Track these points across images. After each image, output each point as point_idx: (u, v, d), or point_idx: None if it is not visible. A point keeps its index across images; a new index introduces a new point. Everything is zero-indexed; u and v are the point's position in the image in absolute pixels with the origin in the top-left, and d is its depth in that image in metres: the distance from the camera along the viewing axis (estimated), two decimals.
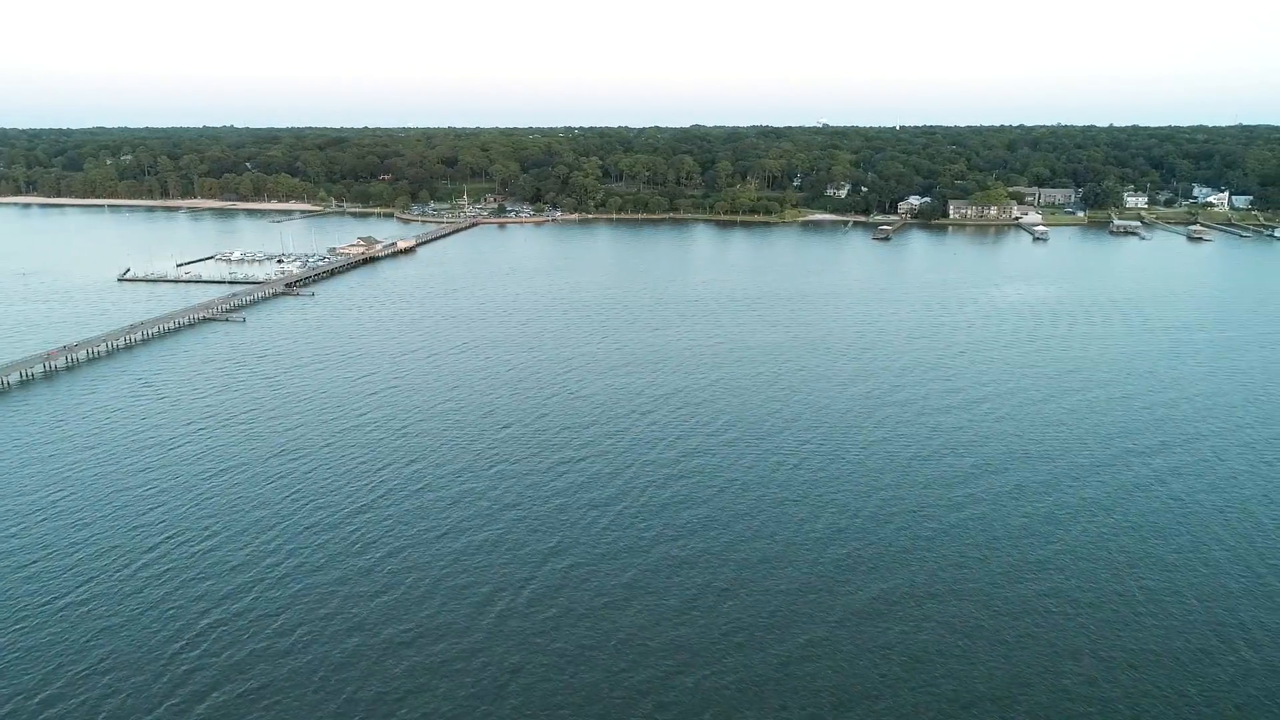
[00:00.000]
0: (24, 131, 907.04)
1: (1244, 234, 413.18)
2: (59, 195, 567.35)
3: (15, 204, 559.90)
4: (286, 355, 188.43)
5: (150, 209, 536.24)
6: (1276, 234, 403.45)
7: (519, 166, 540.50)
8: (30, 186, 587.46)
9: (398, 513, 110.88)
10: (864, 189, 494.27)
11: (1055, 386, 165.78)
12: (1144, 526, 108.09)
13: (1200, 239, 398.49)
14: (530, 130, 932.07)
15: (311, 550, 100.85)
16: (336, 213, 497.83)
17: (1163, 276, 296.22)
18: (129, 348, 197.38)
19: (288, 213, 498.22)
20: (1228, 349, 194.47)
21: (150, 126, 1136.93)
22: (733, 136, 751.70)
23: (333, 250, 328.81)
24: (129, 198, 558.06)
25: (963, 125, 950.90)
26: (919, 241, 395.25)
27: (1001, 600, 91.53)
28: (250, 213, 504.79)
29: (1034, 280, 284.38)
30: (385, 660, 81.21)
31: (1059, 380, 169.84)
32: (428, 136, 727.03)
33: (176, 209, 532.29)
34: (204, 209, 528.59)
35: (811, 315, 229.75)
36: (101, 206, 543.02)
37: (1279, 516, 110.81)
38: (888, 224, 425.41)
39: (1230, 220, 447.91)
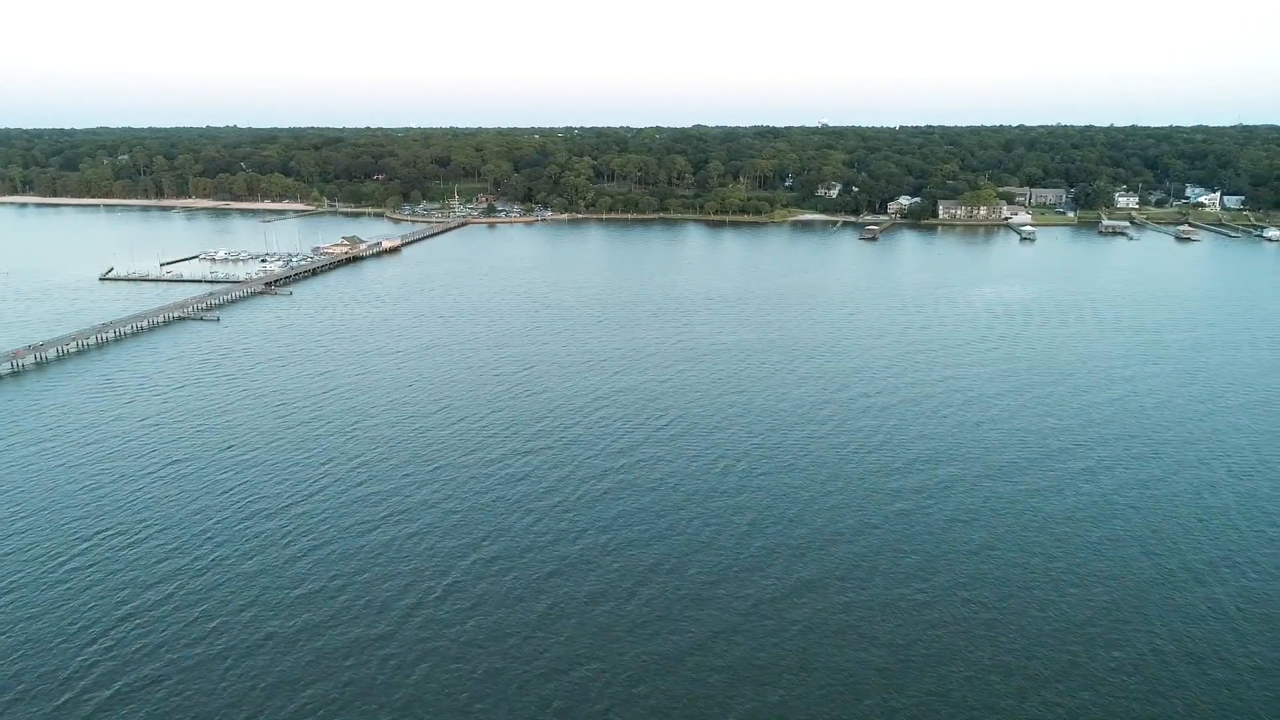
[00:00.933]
0: (27, 132, 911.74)
1: (1233, 234, 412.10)
2: (55, 195, 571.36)
3: (12, 203, 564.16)
4: (253, 354, 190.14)
5: (145, 209, 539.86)
6: (1266, 234, 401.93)
7: (511, 166, 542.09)
8: (27, 186, 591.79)
9: (333, 506, 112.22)
10: (855, 189, 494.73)
11: (1006, 385, 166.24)
12: (1057, 521, 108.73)
13: (1188, 239, 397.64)
14: (531, 130, 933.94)
15: (239, 543, 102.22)
16: (329, 212, 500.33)
17: (1144, 277, 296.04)
18: (100, 346, 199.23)
19: (281, 212, 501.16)
20: (1194, 349, 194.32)
21: (154, 126, 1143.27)
22: (729, 136, 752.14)
23: (317, 250, 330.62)
24: (124, 197, 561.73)
25: (965, 125, 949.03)
26: (906, 242, 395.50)
27: (912, 590, 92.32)
28: (244, 212, 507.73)
29: (1014, 280, 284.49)
30: (293, 648, 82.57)
31: (1011, 379, 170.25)
32: (425, 136, 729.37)
33: (171, 209, 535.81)
34: (199, 209, 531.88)
35: (784, 315, 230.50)
36: (97, 206, 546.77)
37: (1181, 512, 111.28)
38: (875, 224, 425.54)
39: (1221, 220, 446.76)
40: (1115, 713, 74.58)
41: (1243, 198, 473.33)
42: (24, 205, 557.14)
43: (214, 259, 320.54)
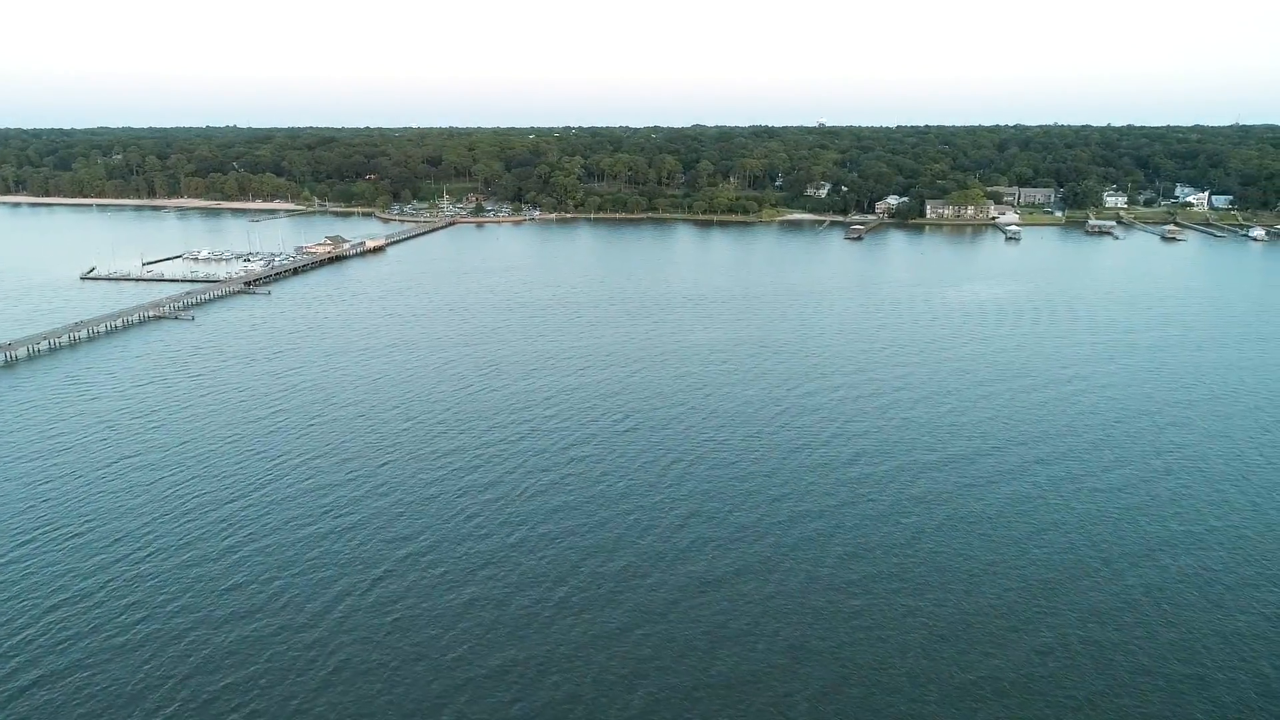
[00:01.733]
0: (27, 132, 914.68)
1: (1219, 234, 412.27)
2: (48, 194, 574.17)
3: (4, 203, 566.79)
4: (222, 352, 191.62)
5: (138, 208, 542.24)
6: (1251, 234, 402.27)
7: (503, 166, 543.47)
8: (20, 186, 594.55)
9: (277, 501, 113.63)
10: (844, 189, 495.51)
11: (961, 382, 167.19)
12: (981, 518, 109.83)
13: (1174, 239, 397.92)
14: (531, 131, 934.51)
15: (179, 537, 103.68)
16: (319, 212, 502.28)
17: (1125, 277, 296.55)
18: (73, 345, 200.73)
19: (273, 212, 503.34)
20: (1159, 348, 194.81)
21: (154, 126, 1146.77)
22: (724, 136, 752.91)
23: (300, 249, 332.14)
24: (116, 197, 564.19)
25: (965, 125, 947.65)
26: (891, 241, 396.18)
27: (835, 580, 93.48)
28: (235, 212, 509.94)
29: (992, 280, 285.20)
30: (216, 636, 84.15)
31: (968, 376, 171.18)
32: (421, 136, 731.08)
33: (164, 208, 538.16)
34: (191, 208, 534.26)
35: (757, 314, 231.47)
36: (90, 206, 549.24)
37: (1107, 506, 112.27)
38: (860, 224, 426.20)
39: (1208, 220, 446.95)
40: (1019, 700, 75.63)
41: (1231, 197, 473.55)
42: (17, 205, 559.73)
43: (197, 258, 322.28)
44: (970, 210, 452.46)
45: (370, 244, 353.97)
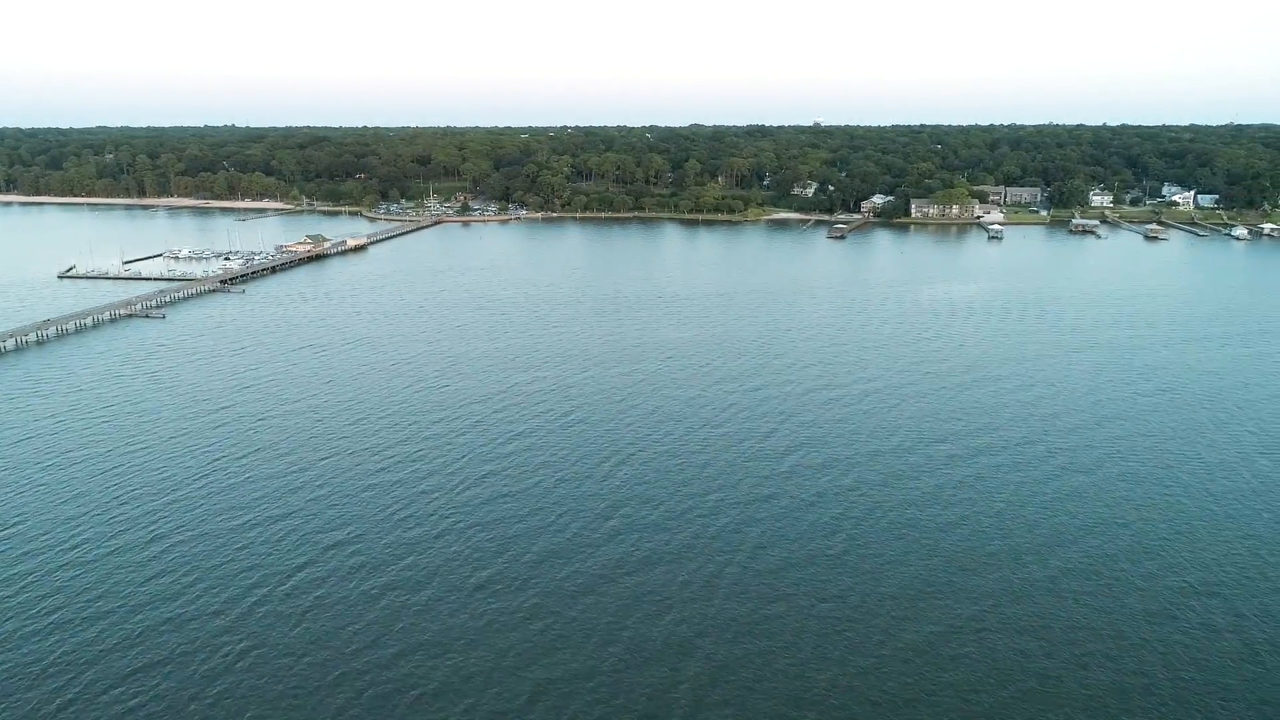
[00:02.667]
0: (24, 131, 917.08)
1: (1202, 233, 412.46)
2: (39, 194, 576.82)
3: None
4: (186, 350, 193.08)
5: (129, 208, 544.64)
6: (1234, 233, 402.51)
7: (491, 165, 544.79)
8: (11, 185, 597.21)
9: (210, 495, 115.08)
10: (831, 188, 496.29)
11: (913, 378, 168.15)
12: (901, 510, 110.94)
13: (1156, 238, 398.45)
14: (528, 130, 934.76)
15: (106, 532, 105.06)
16: (308, 211, 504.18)
17: (1102, 275, 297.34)
18: (41, 343, 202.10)
19: (261, 211, 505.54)
20: (1123, 347, 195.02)
21: (152, 125, 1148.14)
22: (717, 135, 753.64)
23: (280, 248, 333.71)
24: (106, 196, 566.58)
25: (962, 124, 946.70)
26: (874, 240, 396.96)
27: (739, 566, 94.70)
28: (225, 211, 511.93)
29: (969, 279, 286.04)
30: (123, 628, 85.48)
31: (923, 370, 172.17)
32: (413, 136, 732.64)
33: (154, 208, 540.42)
34: (181, 207, 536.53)
35: (725, 313, 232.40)
36: (81, 205, 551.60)
37: (1029, 497, 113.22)
38: (844, 223, 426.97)
39: (1193, 219, 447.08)
40: (908, 686, 76.76)
41: (1217, 197, 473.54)
42: (8, 204, 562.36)
43: (177, 257, 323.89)
44: (955, 209, 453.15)
45: (351, 243, 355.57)
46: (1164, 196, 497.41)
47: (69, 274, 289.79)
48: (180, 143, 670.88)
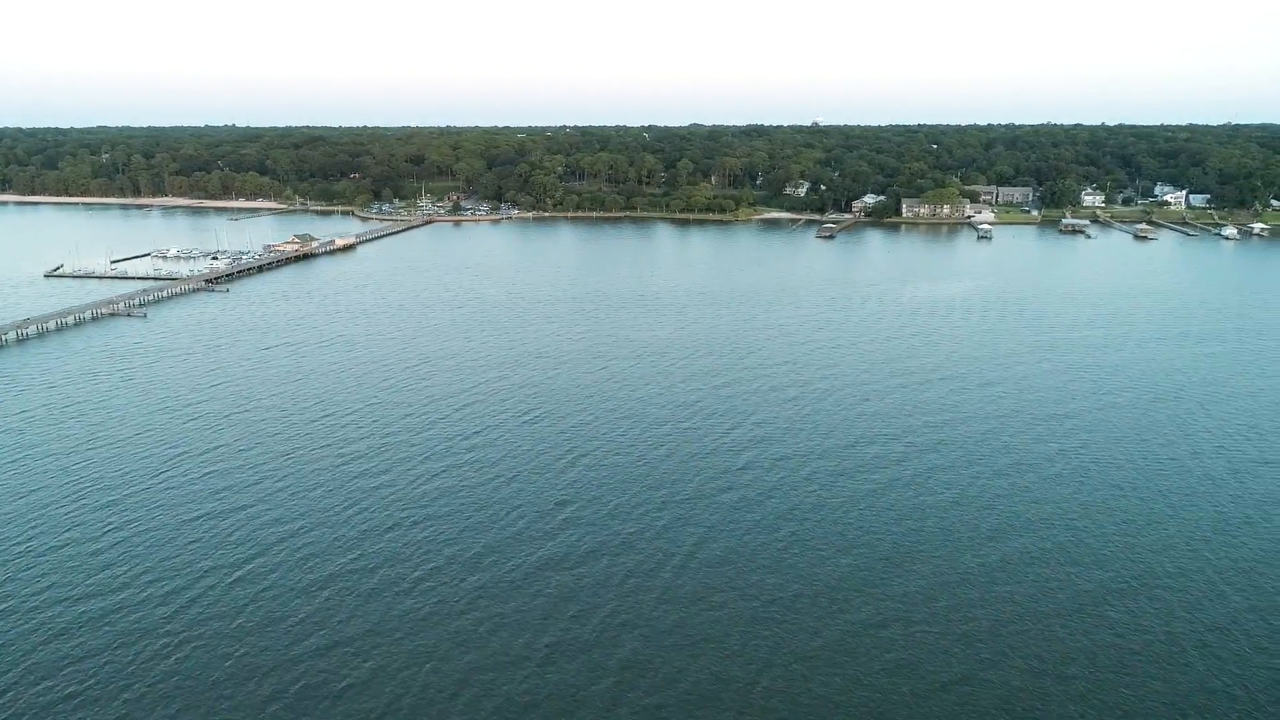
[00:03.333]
0: (25, 131, 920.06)
1: (1192, 233, 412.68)
2: (33, 193, 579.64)
3: None
4: (160, 348, 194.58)
5: (124, 207, 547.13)
6: (1224, 233, 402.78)
7: (485, 165, 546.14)
8: (6, 184, 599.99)
9: (169, 489, 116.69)
10: (823, 187, 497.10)
11: (874, 376, 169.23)
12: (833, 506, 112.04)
13: (1146, 238, 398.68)
14: (524, 130, 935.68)
15: (57, 528, 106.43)
16: (301, 211, 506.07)
17: (1085, 274, 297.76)
18: (21, 341, 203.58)
19: (255, 211, 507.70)
20: (1095, 346, 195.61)
21: (153, 126, 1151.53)
22: (713, 135, 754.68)
23: (268, 247, 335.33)
24: (101, 196, 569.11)
25: (961, 124, 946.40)
26: (863, 240, 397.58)
27: (680, 559, 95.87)
28: (220, 211, 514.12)
29: (951, 278, 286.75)
30: (65, 615, 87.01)
31: (886, 369, 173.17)
32: (410, 135, 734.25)
33: (149, 207, 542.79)
34: (175, 207, 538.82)
35: (702, 312, 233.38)
36: (76, 205, 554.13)
37: (957, 496, 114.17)
38: (833, 223, 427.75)
39: (1184, 219, 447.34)
40: (824, 677, 77.89)
41: (1208, 196, 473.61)
42: (3, 204, 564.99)
43: (165, 256, 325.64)
44: (946, 209, 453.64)
45: (340, 242, 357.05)
46: (1156, 196, 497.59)
47: (56, 273, 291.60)
48: (176, 142, 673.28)
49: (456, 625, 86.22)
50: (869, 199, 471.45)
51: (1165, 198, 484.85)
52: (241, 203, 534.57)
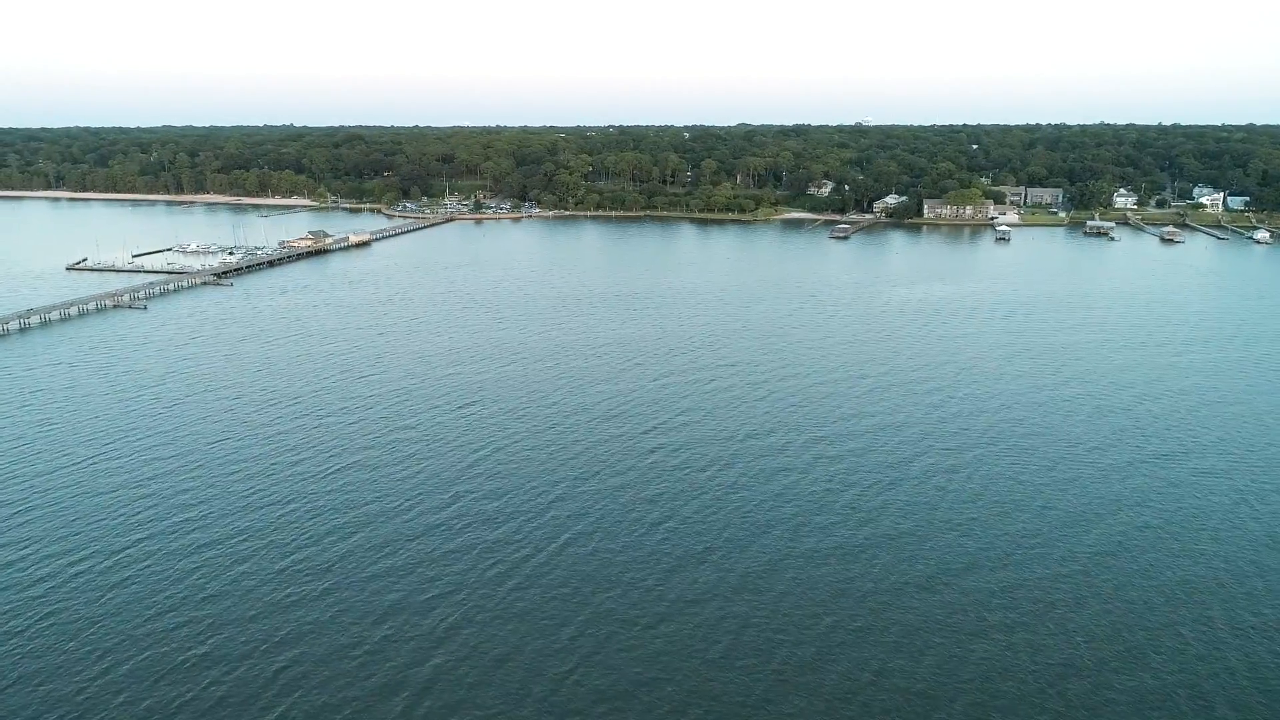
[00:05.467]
0: (85, 130, 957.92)
1: (1222, 236, 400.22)
2: (84, 190, 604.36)
3: (45, 198, 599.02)
4: (142, 339, 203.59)
5: (169, 204, 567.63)
6: (1255, 236, 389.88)
7: (513, 164, 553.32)
8: (59, 181, 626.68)
9: (94, 474, 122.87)
10: (846, 187, 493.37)
11: (833, 376, 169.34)
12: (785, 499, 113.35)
13: (1172, 241, 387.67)
14: (572, 130, 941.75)
15: None
16: (333, 208, 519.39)
17: (1091, 278, 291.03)
18: (24, 330, 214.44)
19: (291, 208, 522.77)
20: (1072, 351, 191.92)
21: (215, 125, 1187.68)
22: (749, 135, 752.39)
23: (282, 243, 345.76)
24: (146, 193, 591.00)
25: (1009, 124, 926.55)
26: (878, 241, 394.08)
27: (558, 546, 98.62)
28: (258, 208, 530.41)
29: (951, 280, 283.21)
30: None
31: (848, 369, 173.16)
32: (448, 135, 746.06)
33: (192, 204, 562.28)
34: (218, 204, 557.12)
35: (683, 311, 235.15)
36: (124, 201, 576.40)
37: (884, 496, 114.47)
38: (848, 223, 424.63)
39: (1220, 222, 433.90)
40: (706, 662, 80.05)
41: (1247, 199, 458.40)
42: (56, 200, 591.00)
43: (185, 251, 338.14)
44: (969, 210, 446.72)
45: (354, 239, 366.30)
46: (1194, 198, 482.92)
47: (78, 266, 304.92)
48: (222, 141, 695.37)
49: (304, 612, 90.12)
50: (891, 199, 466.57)
51: (1201, 200, 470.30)
52: (278, 200, 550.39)
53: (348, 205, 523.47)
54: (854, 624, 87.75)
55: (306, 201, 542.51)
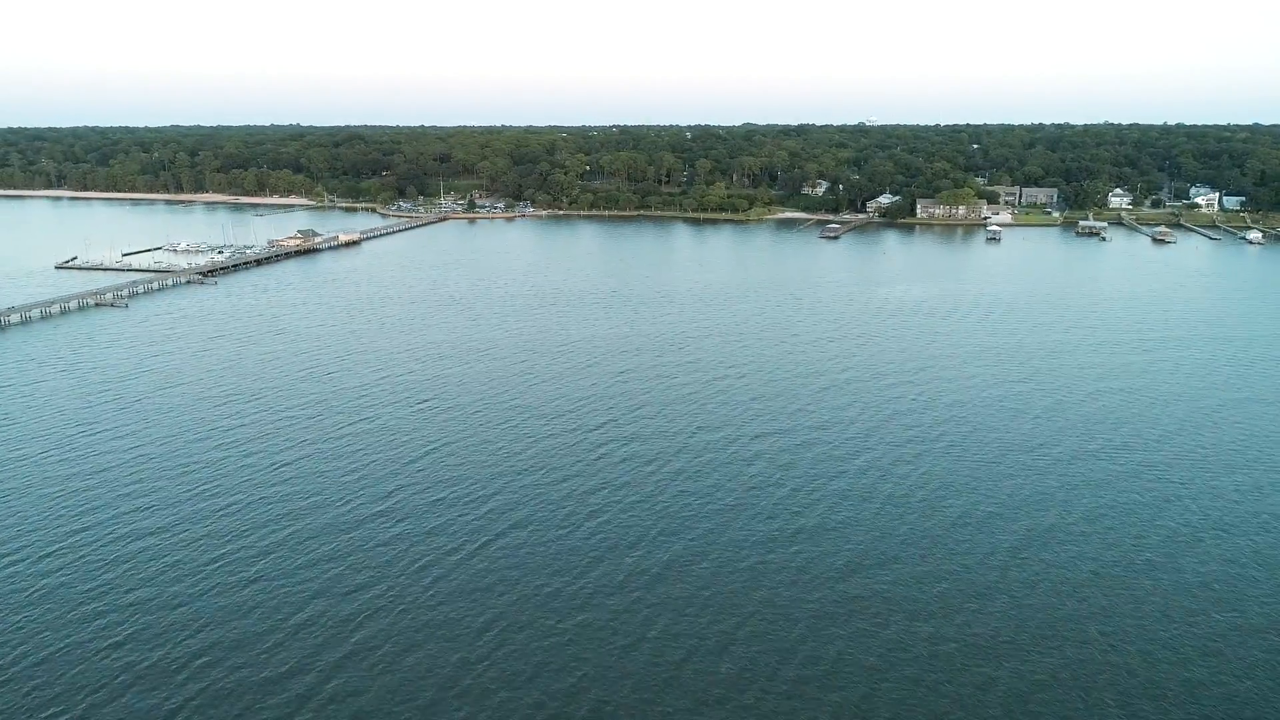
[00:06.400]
0: (96, 130, 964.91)
1: (1214, 236, 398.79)
2: (85, 189, 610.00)
3: (47, 197, 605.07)
4: (114, 336, 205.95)
5: (169, 203, 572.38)
6: (1247, 236, 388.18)
7: (510, 163, 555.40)
8: (61, 180, 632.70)
9: (43, 466, 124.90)
10: (840, 187, 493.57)
11: (787, 374, 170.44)
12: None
13: (1163, 241, 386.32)
14: (576, 129, 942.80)
15: None
16: (330, 207, 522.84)
17: (1073, 278, 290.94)
18: (3, 329, 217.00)
19: (290, 207, 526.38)
20: (1033, 351, 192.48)
21: (222, 125, 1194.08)
22: (749, 134, 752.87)
23: (271, 242, 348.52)
24: (146, 192, 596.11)
25: (1014, 124, 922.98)
26: (868, 241, 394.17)
27: (483, 537, 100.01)
28: (257, 207, 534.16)
29: (934, 280, 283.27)
30: None
31: (800, 370, 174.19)
32: (449, 134, 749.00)
33: (192, 203, 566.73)
34: (217, 203, 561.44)
35: (656, 311, 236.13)
36: (125, 200, 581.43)
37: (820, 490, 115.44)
38: (839, 223, 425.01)
39: (1214, 222, 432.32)
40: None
41: (1243, 199, 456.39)
42: (58, 199, 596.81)
43: (175, 249, 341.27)
44: (961, 210, 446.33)
45: (344, 238, 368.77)
46: (1190, 198, 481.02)
47: (68, 264, 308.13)
48: (222, 140, 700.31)
49: (226, 600, 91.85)
50: (884, 199, 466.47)
51: (1197, 200, 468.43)
52: (276, 199, 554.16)
53: (344, 205, 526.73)
54: (765, 613, 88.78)
55: (304, 201, 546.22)
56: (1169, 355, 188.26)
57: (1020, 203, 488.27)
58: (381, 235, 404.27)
